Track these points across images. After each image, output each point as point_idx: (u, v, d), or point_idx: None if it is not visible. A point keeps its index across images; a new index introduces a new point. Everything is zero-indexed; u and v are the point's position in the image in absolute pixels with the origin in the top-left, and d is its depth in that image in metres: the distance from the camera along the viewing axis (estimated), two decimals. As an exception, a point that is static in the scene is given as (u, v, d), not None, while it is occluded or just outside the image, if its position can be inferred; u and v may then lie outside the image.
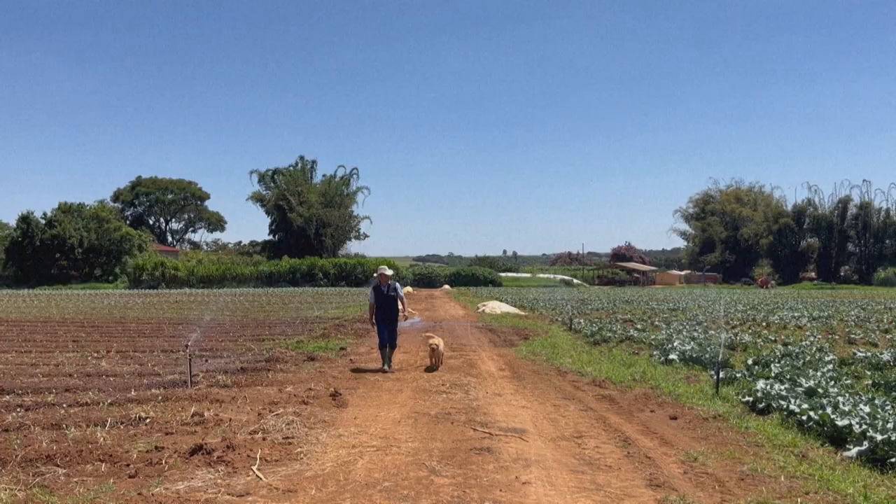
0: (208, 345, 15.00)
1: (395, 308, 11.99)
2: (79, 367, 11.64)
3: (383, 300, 11.91)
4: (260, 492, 5.13)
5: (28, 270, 73.83)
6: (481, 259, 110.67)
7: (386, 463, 5.94)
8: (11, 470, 5.65)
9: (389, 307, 11.91)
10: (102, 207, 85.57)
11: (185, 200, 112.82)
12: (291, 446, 6.45)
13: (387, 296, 11.92)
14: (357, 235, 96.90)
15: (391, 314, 11.93)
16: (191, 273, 74.75)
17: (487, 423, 7.55)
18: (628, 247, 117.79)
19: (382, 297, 11.92)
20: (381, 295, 11.93)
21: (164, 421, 7.42)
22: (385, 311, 11.89)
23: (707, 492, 5.21)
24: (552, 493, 5.11)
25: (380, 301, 11.90)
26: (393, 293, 11.99)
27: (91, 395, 8.98)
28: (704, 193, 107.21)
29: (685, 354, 12.19)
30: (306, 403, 8.48)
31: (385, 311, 11.89)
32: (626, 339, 15.84)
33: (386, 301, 11.90)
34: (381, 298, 11.92)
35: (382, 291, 11.94)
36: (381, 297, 11.92)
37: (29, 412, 8.00)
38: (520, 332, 18.80)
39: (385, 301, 11.90)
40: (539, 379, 10.88)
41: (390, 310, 11.93)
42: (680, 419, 7.85)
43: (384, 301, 11.89)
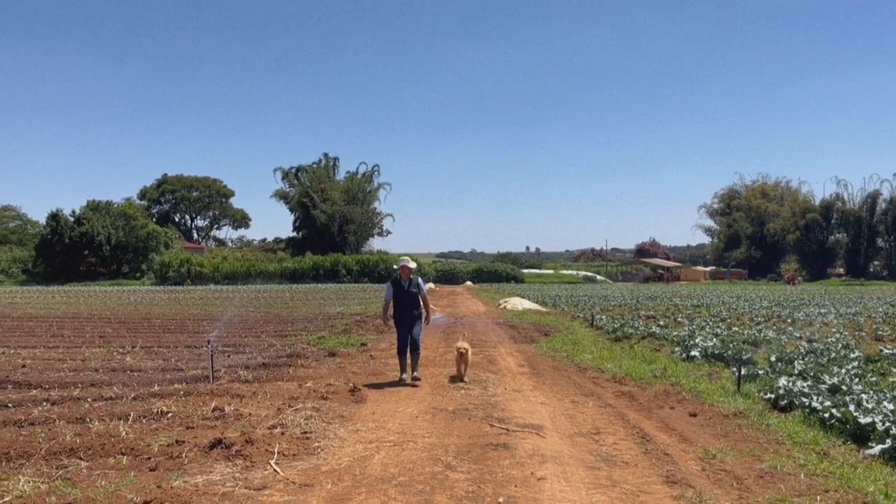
0: (231, 340, 15.17)
1: (416, 306, 10.43)
2: (104, 363, 11.83)
3: (403, 296, 10.38)
4: (277, 486, 5.18)
5: (57, 267, 75.08)
6: (504, 255, 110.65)
7: (402, 458, 5.97)
8: (35, 463, 5.77)
9: (410, 305, 10.39)
10: (129, 205, 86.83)
11: (210, 198, 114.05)
12: (309, 441, 6.51)
13: (407, 292, 10.37)
14: (380, 232, 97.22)
15: (412, 313, 10.39)
16: (216, 270, 75.53)
17: (505, 418, 7.55)
18: (652, 243, 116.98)
19: (402, 292, 10.38)
20: (401, 290, 10.39)
21: (186, 415, 7.52)
22: (405, 310, 10.38)
23: (724, 489, 5.17)
24: (567, 488, 5.10)
25: (399, 297, 10.40)
26: (415, 289, 10.43)
27: (115, 389, 9.12)
28: (730, 189, 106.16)
29: (707, 351, 12.07)
30: (325, 399, 8.55)
31: (405, 309, 10.38)
32: (648, 336, 15.73)
33: (406, 298, 10.37)
34: (401, 294, 10.39)
35: (402, 286, 10.39)
36: (401, 292, 10.39)
37: (55, 406, 8.16)
38: (540, 329, 18.77)
39: (405, 298, 10.37)
40: (558, 375, 10.85)
41: (411, 308, 10.39)
42: (700, 416, 7.78)
43: (404, 297, 10.37)
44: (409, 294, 10.39)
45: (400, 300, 10.38)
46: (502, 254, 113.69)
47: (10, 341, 15.32)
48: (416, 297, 10.46)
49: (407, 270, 10.44)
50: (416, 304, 10.45)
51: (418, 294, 10.48)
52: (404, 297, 10.38)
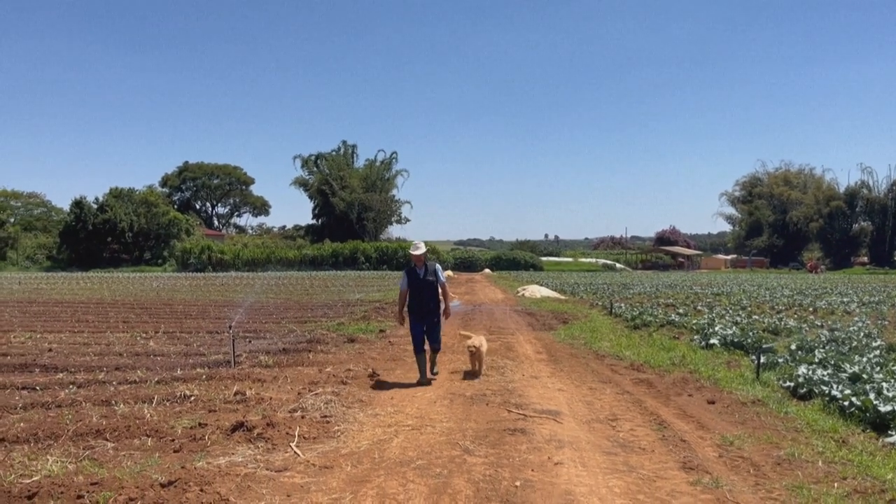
0: (252, 326, 15.34)
1: (434, 297, 9.23)
2: (128, 347, 12.03)
3: (419, 286, 9.17)
4: (297, 467, 5.28)
5: (81, 254, 76.12)
6: (522, 243, 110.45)
7: (420, 442, 6.04)
8: (63, 443, 5.92)
9: (427, 296, 9.18)
10: (151, 192, 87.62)
11: (231, 185, 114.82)
12: (329, 424, 6.61)
13: (423, 280, 9.18)
14: (398, 219, 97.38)
15: (430, 305, 9.20)
16: (236, 256, 76.14)
17: (522, 404, 7.60)
18: (673, 231, 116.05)
19: (418, 282, 9.18)
20: (417, 279, 9.20)
21: (208, 399, 7.65)
22: (422, 302, 9.17)
23: (741, 475, 5.18)
24: (584, 473, 5.14)
25: (415, 288, 9.19)
26: (432, 277, 9.22)
27: (139, 373, 9.29)
28: (752, 176, 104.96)
29: (726, 339, 12.02)
30: (345, 383, 8.66)
31: (422, 301, 9.17)
32: (667, 324, 15.67)
33: (422, 288, 9.17)
34: (417, 284, 9.19)
35: (418, 275, 9.21)
36: (417, 282, 9.19)
37: (81, 389, 8.34)
38: (559, 316, 18.77)
39: (421, 288, 9.18)
40: (576, 362, 10.87)
41: (428, 299, 9.18)
42: (718, 403, 7.77)
43: (420, 288, 9.17)
44: (426, 283, 9.18)
45: (415, 291, 9.21)
46: (521, 241, 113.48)
47: (37, 326, 15.61)
48: (433, 286, 9.23)
49: (419, 258, 9.29)
50: (434, 294, 9.25)
51: (436, 282, 9.26)
52: (420, 286, 9.19)
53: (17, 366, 10.01)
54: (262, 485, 4.87)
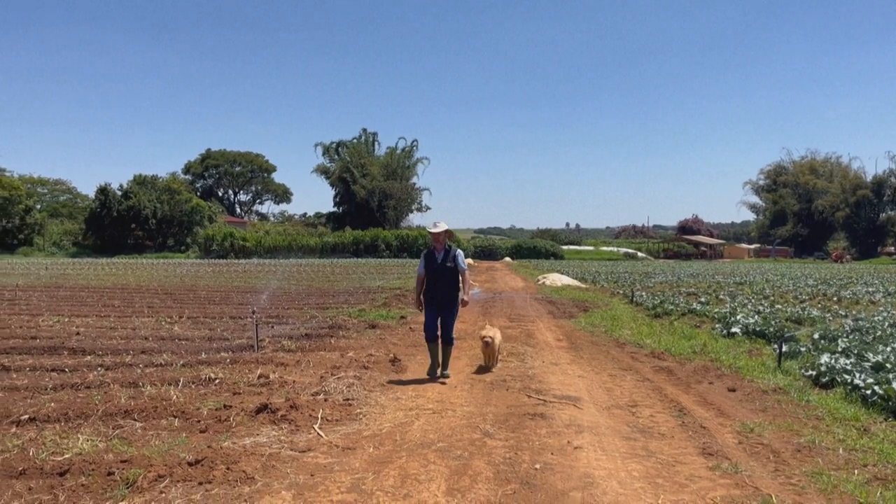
0: (274, 312, 15.52)
1: (452, 283, 8.36)
2: (153, 331, 12.23)
3: (436, 271, 8.31)
4: (321, 448, 5.38)
5: (106, 240, 77.19)
6: (543, 232, 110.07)
7: (441, 425, 6.12)
8: (93, 423, 6.07)
9: (444, 282, 8.32)
10: (174, 179, 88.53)
11: (253, 173, 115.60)
12: (351, 407, 6.70)
13: (441, 266, 8.30)
14: (419, 207, 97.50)
15: (446, 293, 8.34)
16: (258, 244, 76.76)
17: (542, 390, 7.65)
18: (695, 219, 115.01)
19: (435, 266, 8.33)
20: (434, 264, 8.34)
21: (232, 382, 7.79)
22: (438, 289, 8.33)
23: (761, 461, 5.19)
24: (603, 457, 5.19)
25: (431, 273, 8.36)
26: (451, 264, 8.30)
27: (165, 357, 9.46)
28: (777, 165, 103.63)
29: (748, 328, 11.96)
30: (367, 368, 8.76)
31: (438, 287, 8.33)
32: (689, 313, 15.60)
33: (440, 274, 8.30)
34: (434, 269, 8.34)
35: (435, 259, 8.35)
36: (434, 266, 8.34)
37: (108, 371, 8.52)
38: (579, 304, 18.76)
39: (438, 274, 8.30)
40: (596, 350, 10.89)
41: (445, 288, 8.33)
42: (738, 391, 7.77)
43: (437, 274, 8.31)
44: (444, 269, 8.32)
45: (432, 276, 8.38)
46: (542, 230, 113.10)
47: (64, 310, 15.90)
48: (452, 273, 8.34)
49: (438, 239, 8.40)
50: (452, 283, 8.39)
51: (456, 269, 8.36)
52: (438, 272, 8.34)
53: (47, 348, 10.22)
54: (286, 464, 4.97)
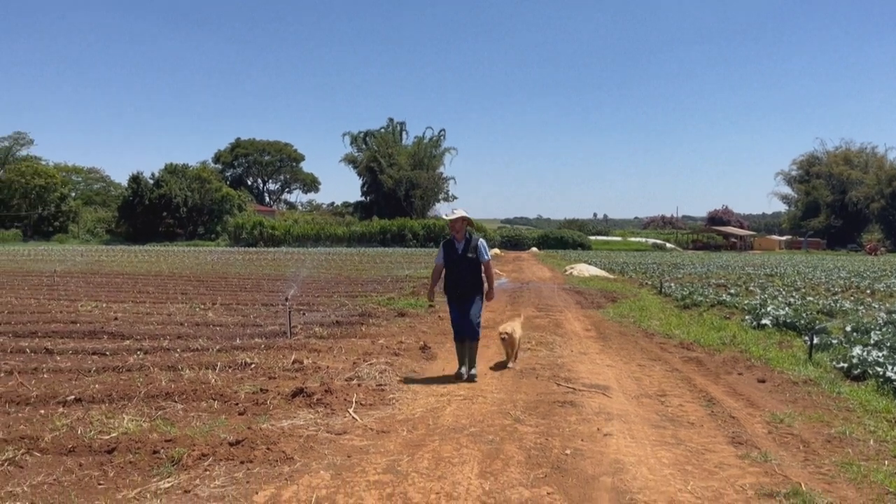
0: (305, 300, 15.75)
1: (473, 277, 7.63)
2: (188, 317, 12.51)
3: (455, 263, 7.63)
4: (356, 431, 5.53)
5: (138, 228, 78.55)
6: (570, 222, 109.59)
7: (472, 411, 6.24)
8: (136, 404, 6.29)
9: (465, 276, 7.60)
10: (204, 168, 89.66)
11: (282, 162, 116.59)
12: (384, 392, 6.85)
13: (462, 257, 7.60)
14: (445, 197, 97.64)
15: (467, 287, 7.60)
16: (287, 232, 77.56)
17: (571, 378, 7.73)
18: (725, 210, 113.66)
19: (455, 257, 7.64)
20: (454, 254, 7.66)
21: (267, 367, 7.98)
22: (458, 282, 7.62)
23: (790, 451, 5.23)
24: (632, 444, 5.26)
25: (451, 264, 7.68)
26: (472, 254, 7.60)
27: (201, 342, 9.70)
28: (810, 155, 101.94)
29: (779, 320, 11.89)
30: (397, 355, 8.91)
31: (458, 280, 7.62)
32: (718, 304, 15.52)
33: (459, 265, 7.61)
34: (453, 260, 7.65)
35: (455, 249, 7.66)
36: (454, 257, 7.65)
37: (148, 355, 8.77)
38: (607, 295, 18.74)
39: (458, 265, 7.62)
40: (625, 340, 10.92)
41: (465, 280, 7.59)
42: (768, 382, 7.77)
43: (458, 264, 7.62)
44: (464, 260, 7.62)
45: (453, 268, 7.69)
46: (569, 220, 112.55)
47: (102, 296, 16.31)
48: (473, 265, 7.66)
49: (458, 226, 7.66)
50: (473, 274, 7.66)
51: (478, 260, 7.68)
52: (458, 263, 7.64)
53: (87, 332, 10.53)
54: (323, 446, 5.13)
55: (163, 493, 4.21)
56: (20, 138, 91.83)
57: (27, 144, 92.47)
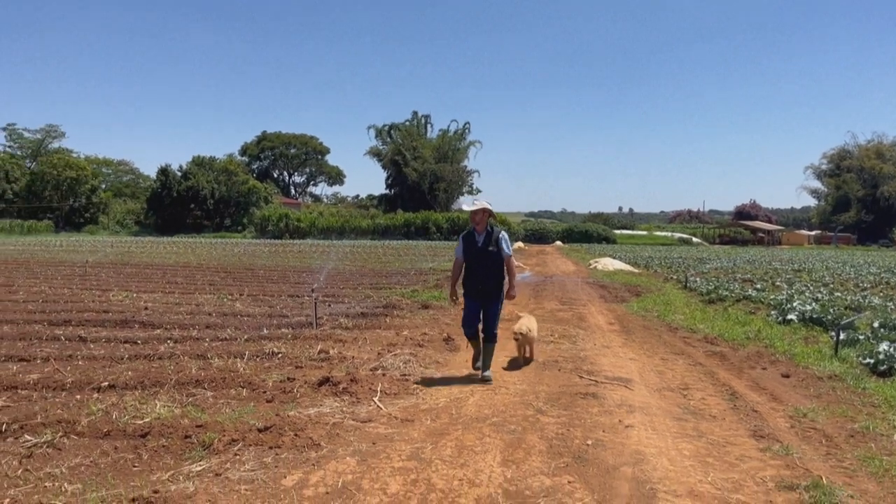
0: (330, 291, 15.94)
1: (494, 273, 7.18)
2: (216, 308, 12.74)
3: (477, 257, 7.18)
4: (381, 419, 5.65)
5: (166, 219, 79.57)
6: (595, 216, 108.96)
7: (495, 401, 6.33)
8: (168, 391, 6.47)
9: (485, 271, 7.15)
10: (231, 161, 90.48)
11: (307, 155, 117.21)
12: (408, 382, 6.97)
13: (482, 250, 7.16)
14: (469, 190, 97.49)
15: (488, 283, 7.15)
16: (312, 225, 78.08)
17: (594, 371, 7.78)
18: (753, 204, 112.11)
19: (475, 251, 7.19)
20: (473, 248, 7.20)
21: (294, 356, 8.14)
22: (477, 277, 7.17)
23: (812, 445, 5.25)
24: (654, 436, 5.31)
25: (471, 258, 7.22)
26: (494, 247, 7.15)
27: (229, 331, 9.89)
28: (840, 149, 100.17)
29: (805, 315, 11.80)
30: (421, 346, 9.02)
31: (477, 276, 7.17)
32: (744, 299, 15.43)
33: (480, 259, 7.16)
34: (473, 254, 7.20)
35: (475, 242, 7.20)
36: (474, 250, 7.20)
37: (177, 344, 8.98)
38: (632, 289, 18.69)
39: (478, 259, 7.17)
40: (648, 334, 10.92)
41: (486, 275, 7.15)
42: (793, 377, 7.75)
43: (478, 258, 7.17)
44: (485, 254, 7.17)
45: (472, 262, 7.23)
46: (594, 214, 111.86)
47: (132, 286, 16.63)
48: (495, 259, 7.18)
49: (479, 218, 7.21)
50: (494, 269, 7.20)
51: (499, 253, 7.20)
52: (478, 257, 7.18)
53: (118, 321, 10.78)
54: (349, 433, 5.26)
55: (195, 475, 4.35)
56: (52, 131, 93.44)
57: (59, 137, 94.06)
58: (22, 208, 77.55)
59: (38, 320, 10.70)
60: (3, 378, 6.76)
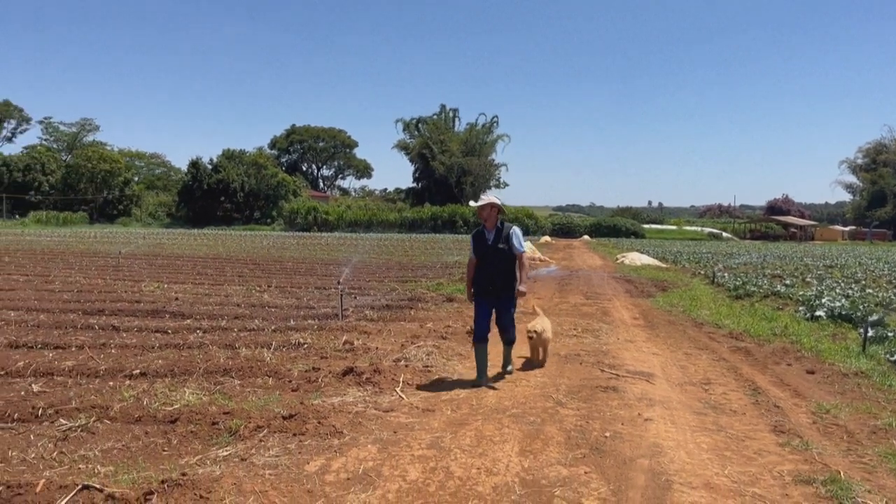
0: (357, 284, 16.11)
1: (506, 270, 6.83)
2: (245, 299, 12.97)
3: (487, 255, 6.83)
4: (402, 409, 5.76)
5: (197, 212, 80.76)
6: (624, 210, 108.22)
7: (515, 393, 6.40)
8: (196, 378, 6.65)
9: (495, 269, 6.79)
10: (260, 154, 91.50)
11: (336, 148, 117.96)
12: (430, 373, 7.08)
13: (493, 248, 6.81)
14: (496, 184, 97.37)
15: (497, 281, 6.81)
16: (340, 218, 78.70)
17: (615, 365, 7.80)
18: (785, 199, 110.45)
19: (485, 249, 6.84)
20: (484, 246, 6.86)
21: (319, 347, 8.28)
22: (489, 276, 6.81)
23: (833, 440, 5.24)
24: (672, 429, 5.35)
25: (481, 256, 6.88)
26: (504, 245, 6.79)
27: (256, 322, 10.09)
28: (877, 143, 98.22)
29: (834, 311, 11.66)
30: (444, 338, 9.12)
31: (489, 274, 6.81)
32: (772, 294, 15.27)
33: (491, 257, 6.81)
34: (483, 252, 6.86)
35: (486, 240, 6.86)
36: (484, 248, 6.86)
37: (206, 334, 9.19)
38: (658, 284, 18.59)
39: (489, 257, 6.81)
40: (673, 329, 10.89)
41: (496, 273, 6.80)
42: (818, 374, 7.70)
43: (488, 257, 6.82)
44: (496, 252, 6.81)
45: (482, 261, 6.88)
46: (622, 208, 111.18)
47: (163, 277, 16.98)
48: (505, 257, 6.83)
49: (488, 214, 6.87)
50: (505, 267, 6.85)
51: (511, 253, 6.84)
52: (488, 256, 6.83)
53: (150, 312, 11.05)
54: (371, 421, 5.37)
55: (221, 460, 4.50)
56: (87, 124, 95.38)
57: (93, 130, 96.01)
58: (58, 200, 79.26)
59: (73, 309, 11.01)
60: (40, 365, 7.00)
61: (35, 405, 5.51)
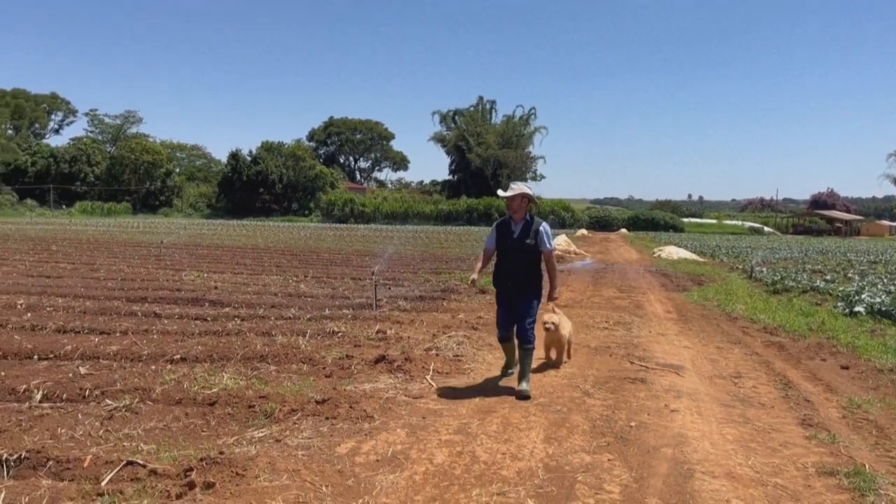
0: (391, 275, 16.30)
1: (529, 267, 6.20)
2: (282, 289, 13.24)
3: (510, 249, 6.22)
4: (431, 396, 5.91)
5: (237, 203, 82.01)
6: (663, 203, 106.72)
7: (543, 383, 6.50)
8: (234, 364, 6.88)
9: (519, 265, 6.17)
10: (298, 146, 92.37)
11: (372, 140, 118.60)
12: (460, 363, 7.21)
13: (518, 242, 6.17)
14: (533, 176, 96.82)
15: (521, 278, 6.17)
16: (376, 210, 79.19)
17: (645, 357, 7.84)
18: (830, 193, 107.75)
19: (509, 241, 6.23)
20: (508, 238, 6.25)
21: (353, 335, 8.47)
22: (511, 272, 6.21)
23: (861, 435, 5.23)
24: (699, 421, 5.39)
25: (503, 250, 6.29)
26: (531, 240, 6.14)
27: (293, 311, 10.32)
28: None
29: (874, 307, 11.48)
30: (475, 329, 9.24)
31: (511, 270, 6.21)
32: (811, 290, 15.05)
33: (514, 252, 6.19)
34: (506, 245, 6.25)
35: (511, 232, 6.25)
36: (508, 241, 6.25)
37: (244, 322, 9.44)
38: (694, 278, 18.42)
39: (513, 251, 6.20)
40: (706, 323, 10.84)
41: (520, 270, 6.17)
42: (852, 369, 7.63)
43: (511, 251, 6.21)
44: (522, 247, 6.16)
45: (505, 255, 6.29)
46: (661, 201, 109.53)
47: (203, 266, 17.39)
48: (531, 253, 6.19)
49: (516, 205, 6.22)
50: (531, 265, 6.22)
51: (537, 249, 6.19)
52: (512, 250, 6.21)
53: (190, 300, 11.37)
54: (401, 407, 5.53)
55: (257, 441, 4.69)
56: (130, 116, 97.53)
57: (137, 122, 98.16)
58: (102, 191, 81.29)
59: (118, 297, 11.40)
60: (87, 348, 7.31)
61: (82, 386, 5.79)
